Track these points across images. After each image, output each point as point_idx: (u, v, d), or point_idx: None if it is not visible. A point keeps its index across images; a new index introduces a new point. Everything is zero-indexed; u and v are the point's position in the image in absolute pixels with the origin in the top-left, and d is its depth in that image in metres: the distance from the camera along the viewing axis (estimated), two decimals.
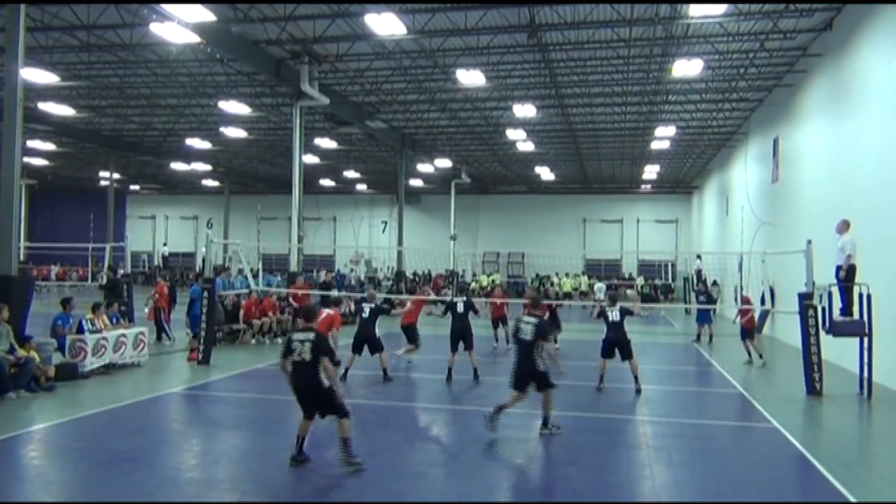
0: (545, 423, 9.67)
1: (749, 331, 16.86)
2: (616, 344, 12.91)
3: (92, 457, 8.44)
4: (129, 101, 29.06)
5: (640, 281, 41.42)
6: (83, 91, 27.09)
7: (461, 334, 13.95)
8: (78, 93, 27.29)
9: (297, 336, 8.02)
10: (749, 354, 16.79)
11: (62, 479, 7.80)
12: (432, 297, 18.15)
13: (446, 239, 44.33)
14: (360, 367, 14.40)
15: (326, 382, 7.79)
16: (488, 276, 44.00)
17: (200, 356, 15.38)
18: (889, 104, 14.00)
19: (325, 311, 11.99)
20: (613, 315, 12.92)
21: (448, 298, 17.04)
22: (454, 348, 13.95)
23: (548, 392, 9.59)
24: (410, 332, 15.55)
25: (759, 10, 17.04)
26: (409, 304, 16.03)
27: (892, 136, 13.85)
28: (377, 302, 14.41)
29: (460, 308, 14.12)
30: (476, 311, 14.61)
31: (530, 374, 9.46)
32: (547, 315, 15.07)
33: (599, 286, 36.04)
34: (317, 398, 7.87)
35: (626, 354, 12.93)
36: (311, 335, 7.94)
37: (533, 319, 9.62)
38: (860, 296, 12.64)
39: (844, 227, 13.23)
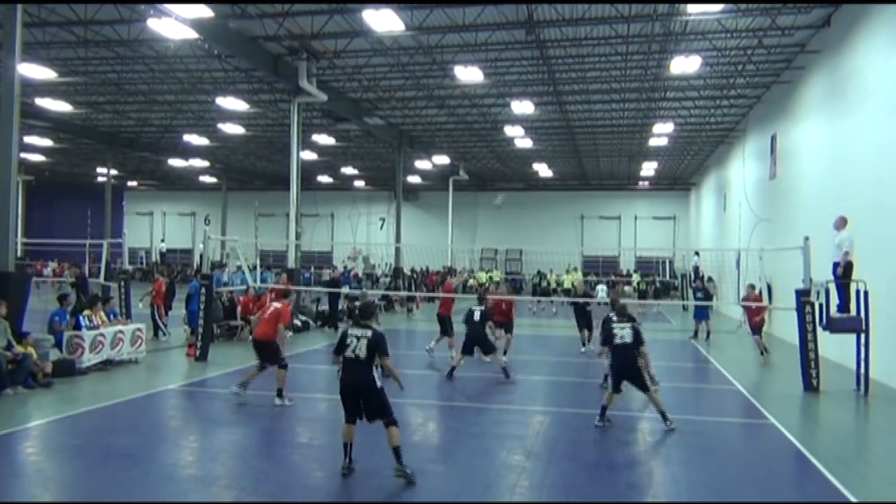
0: (665, 419, 9.89)
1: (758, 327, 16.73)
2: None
3: (89, 453, 8.44)
4: (127, 97, 28.99)
5: (636, 277, 41.44)
6: (80, 87, 27.04)
7: (476, 341, 13.97)
8: (75, 89, 27.24)
9: (354, 332, 7.77)
10: (766, 349, 16.70)
11: (59, 475, 7.78)
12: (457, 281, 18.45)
13: (444, 236, 44.34)
14: None
15: (379, 383, 7.54)
16: (487, 272, 43.95)
17: (198, 352, 15.38)
18: (887, 101, 14.01)
19: (273, 305, 11.77)
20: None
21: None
22: (467, 352, 13.99)
23: (652, 391, 10.07)
24: (446, 322, 15.98)
25: (757, 6, 17.04)
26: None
27: (889, 132, 13.86)
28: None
29: (477, 316, 14.15)
30: (492, 320, 14.80)
31: (635, 376, 9.99)
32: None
33: (601, 287, 35.75)
34: (367, 398, 7.57)
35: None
36: (369, 332, 7.67)
37: (628, 324, 10.22)
38: (857, 292, 12.67)
39: (842, 223, 13.25)
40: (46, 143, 37.93)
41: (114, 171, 43.39)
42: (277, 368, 11.12)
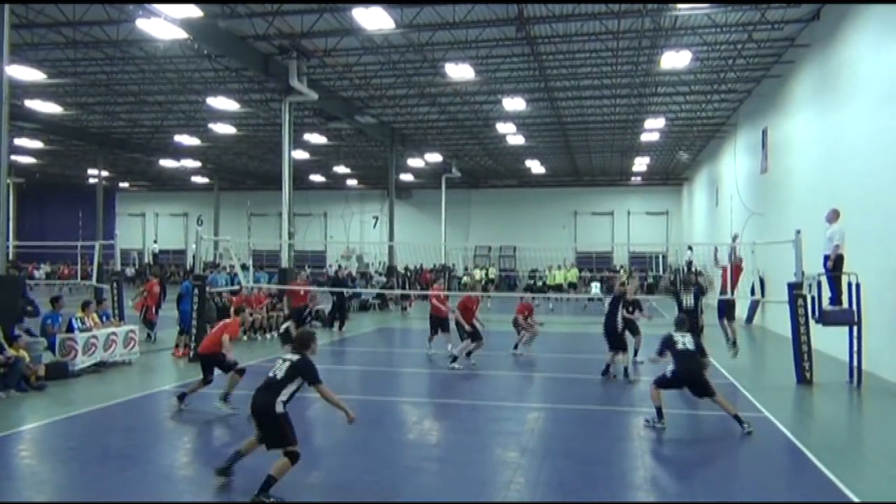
0: (740, 422, 9.57)
1: (729, 309, 15.51)
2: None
3: (84, 455, 8.41)
4: (117, 98, 28.87)
5: (622, 273, 41.36)
6: (70, 88, 26.91)
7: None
8: (65, 90, 27.10)
9: (285, 355, 7.44)
10: (727, 336, 15.50)
11: (54, 478, 7.76)
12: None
13: (438, 233, 44.32)
14: (352, 363, 14.46)
15: (280, 409, 6.91)
16: (482, 269, 43.91)
17: (192, 353, 15.29)
18: (877, 93, 14.07)
19: (224, 321, 11.60)
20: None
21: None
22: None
23: (714, 397, 9.78)
24: (442, 324, 16.30)
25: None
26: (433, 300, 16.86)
27: (879, 125, 13.92)
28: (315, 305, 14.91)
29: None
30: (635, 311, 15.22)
31: (698, 382, 9.84)
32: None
33: (595, 284, 35.78)
34: (263, 423, 7.03)
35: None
36: (296, 357, 7.21)
37: (689, 334, 10.20)
38: (849, 285, 12.72)
39: (834, 216, 13.30)
40: (37, 144, 37.71)
41: (105, 173, 43.20)
42: (232, 374, 10.67)
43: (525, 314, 16.96)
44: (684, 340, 10.03)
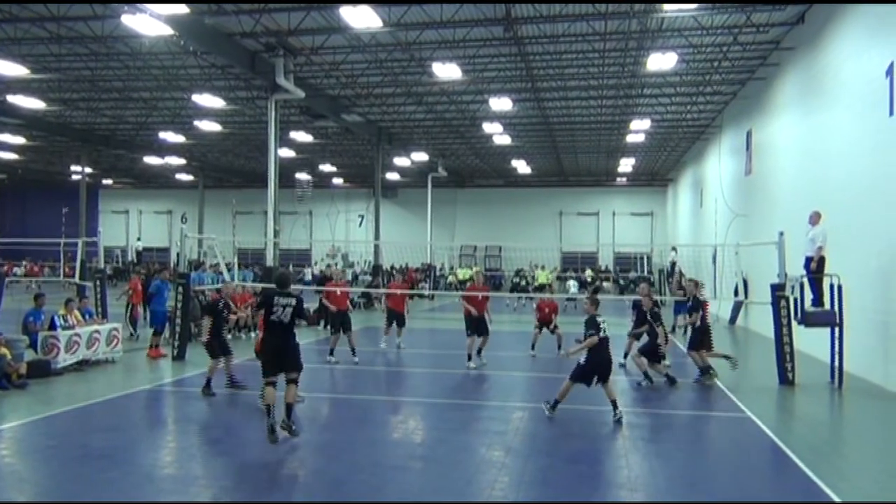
0: (615, 408, 9.98)
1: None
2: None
3: (66, 454, 8.33)
4: (101, 94, 28.62)
5: (588, 273, 41.22)
6: (54, 84, 26.64)
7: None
8: (48, 85, 26.83)
9: (280, 300, 8.59)
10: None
11: (35, 477, 7.69)
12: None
13: (424, 232, 44.30)
14: (337, 362, 14.45)
15: (298, 340, 8.89)
16: (467, 269, 43.90)
17: (176, 352, 15.20)
18: (860, 97, 14.18)
19: None
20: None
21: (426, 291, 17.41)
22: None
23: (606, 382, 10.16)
24: (398, 318, 17.14)
25: (732, 3, 17.22)
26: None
27: (862, 128, 14.05)
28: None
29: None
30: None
31: (609, 367, 10.17)
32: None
33: (572, 282, 35.91)
34: (289, 354, 8.76)
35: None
36: (293, 300, 8.66)
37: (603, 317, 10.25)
38: (831, 286, 12.83)
39: (817, 218, 13.42)
40: (19, 140, 37.34)
41: (88, 170, 42.84)
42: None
43: (546, 311, 16.95)
44: (605, 325, 10.09)
